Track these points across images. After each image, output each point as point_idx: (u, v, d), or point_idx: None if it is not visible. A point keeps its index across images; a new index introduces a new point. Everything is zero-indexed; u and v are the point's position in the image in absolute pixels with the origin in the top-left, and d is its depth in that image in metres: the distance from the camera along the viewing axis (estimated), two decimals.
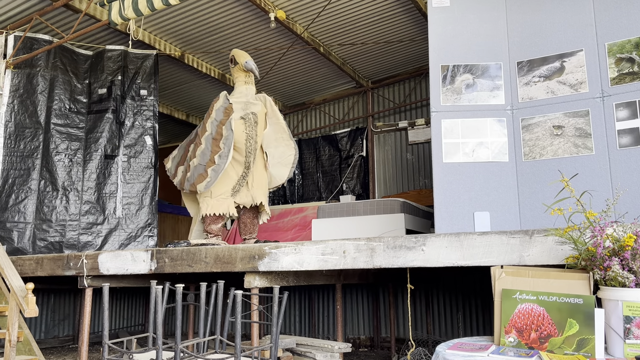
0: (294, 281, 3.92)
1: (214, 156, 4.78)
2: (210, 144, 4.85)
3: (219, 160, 4.76)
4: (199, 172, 4.88)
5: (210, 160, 4.80)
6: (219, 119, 4.86)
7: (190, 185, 4.95)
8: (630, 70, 3.47)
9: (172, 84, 8.37)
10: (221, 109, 4.89)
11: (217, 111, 4.90)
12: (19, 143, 5.84)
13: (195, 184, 4.87)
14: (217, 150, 4.79)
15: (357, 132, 8.75)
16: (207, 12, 6.33)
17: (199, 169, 4.89)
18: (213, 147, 4.83)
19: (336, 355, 4.55)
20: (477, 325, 6.26)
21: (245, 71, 5.06)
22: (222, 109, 4.88)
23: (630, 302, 1.99)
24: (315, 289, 7.61)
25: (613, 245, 2.12)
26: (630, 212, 3.30)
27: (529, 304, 2.15)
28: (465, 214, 3.72)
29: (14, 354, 3.85)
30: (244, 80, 5.11)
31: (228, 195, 4.99)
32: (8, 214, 5.69)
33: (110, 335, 7.81)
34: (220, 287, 3.17)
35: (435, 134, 3.88)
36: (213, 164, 4.78)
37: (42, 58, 6.06)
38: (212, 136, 4.84)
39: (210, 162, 4.80)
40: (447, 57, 4.00)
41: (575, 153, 3.56)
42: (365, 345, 6.99)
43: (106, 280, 4.49)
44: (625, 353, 1.98)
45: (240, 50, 5.21)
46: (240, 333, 2.56)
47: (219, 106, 4.90)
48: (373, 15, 6.57)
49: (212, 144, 4.83)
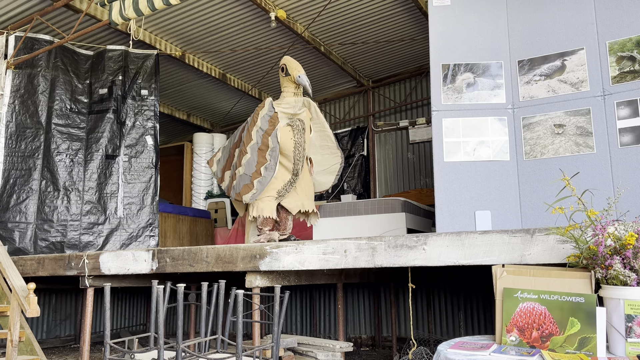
0: (295, 280, 3.92)
1: (260, 167, 4.73)
2: (257, 154, 4.78)
3: (265, 173, 4.72)
4: (245, 182, 4.84)
5: (256, 171, 4.75)
6: (265, 129, 4.79)
7: (235, 194, 4.93)
8: (631, 68, 3.46)
9: (172, 84, 8.37)
10: (266, 117, 4.83)
11: (262, 119, 4.83)
12: (20, 143, 5.85)
13: (241, 194, 4.83)
14: (263, 162, 4.73)
15: (358, 132, 8.75)
16: (208, 11, 6.33)
17: (244, 179, 4.85)
18: (259, 157, 4.77)
19: (338, 354, 4.56)
20: (479, 324, 6.25)
21: (296, 84, 4.98)
22: (267, 117, 4.82)
23: (631, 301, 1.99)
24: (317, 288, 7.61)
25: (614, 243, 2.12)
26: (631, 210, 3.30)
27: (531, 302, 2.14)
28: (466, 213, 3.72)
29: (16, 354, 3.85)
30: (294, 92, 5.02)
31: (273, 198, 4.93)
32: (9, 214, 5.70)
33: (111, 335, 7.82)
34: (222, 287, 3.17)
35: (436, 133, 3.88)
36: (259, 176, 4.73)
37: (42, 58, 6.06)
38: (258, 146, 4.78)
39: (256, 173, 4.75)
40: (447, 56, 3.99)
41: (576, 152, 3.56)
42: (366, 345, 7.00)
43: (108, 280, 4.49)
44: (627, 352, 1.98)
45: (293, 60, 5.02)
46: (242, 332, 2.57)
47: (264, 114, 4.84)
48: (374, 15, 6.57)
49: (258, 154, 4.77)
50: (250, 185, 4.78)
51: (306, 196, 5.11)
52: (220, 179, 5.34)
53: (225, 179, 5.23)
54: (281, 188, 4.91)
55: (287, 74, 4.95)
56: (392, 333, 6.07)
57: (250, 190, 4.77)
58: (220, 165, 5.37)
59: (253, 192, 4.77)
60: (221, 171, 5.32)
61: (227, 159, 5.26)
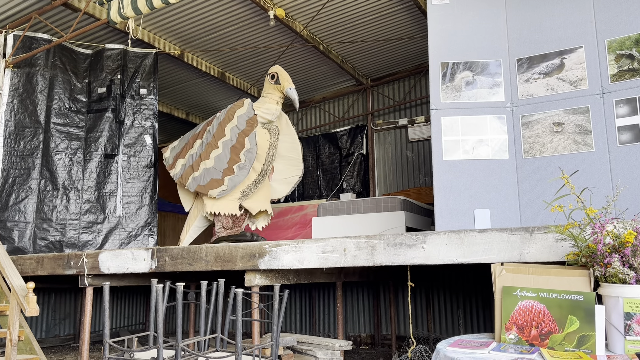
0: (294, 279, 3.92)
1: (233, 165, 4.75)
2: (230, 151, 4.80)
3: (238, 172, 4.74)
4: (214, 177, 4.83)
5: (228, 168, 4.77)
6: (242, 128, 4.81)
7: (199, 186, 4.90)
8: (630, 66, 3.46)
9: (171, 83, 8.36)
10: (244, 117, 4.85)
11: (240, 119, 4.85)
12: (19, 142, 5.84)
13: (208, 188, 4.84)
14: (236, 160, 4.75)
15: (357, 130, 8.75)
16: (207, 10, 6.33)
17: (213, 174, 4.85)
18: (232, 155, 4.78)
19: (337, 353, 4.56)
20: (478, 322, 6.26)
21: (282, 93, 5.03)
22: (246, 118, 4.84)
23: (630, 299, 1.99)
24: (316, 287, 7.61)
25: (613, 241, 2.12)
26: (630, 208, 3.30)
27: (530, 300, 2.15)
28: (465, 212, 3.72)
29: (15, 353, 3.85)
30: (277, 100, 5.11)
31: (236, 198, 4.98)
32: (8, 213, 5.69)
33: (111, 334, 7.82)
34: (221, 286, 3.17)
35: (435, 131, 3.88)
36: (231, 173, 4.75)
37: (41, 57, 6.05)
38: (233, 144, 4.79)
39: (228, 170, 4.76)
40: (446, 54, 3.99)
41: (575, 150, 3.56)
42: (366, 343, 7.00)
43: (107, 279, 4.49)
44: (626, 349, 1.98)
45: (285, 71, 5.15)
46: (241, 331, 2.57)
47: (242, 114, 4.86)
48: (372, 13, 6.57)
49: (232, 151, 4.79)
50: (221, 181, 4.78)
51: (265, 198, 5.21)
52: (170, 165, 5.31)
53: (176, 166, 5.20)
54: (245, 188, 4.99)
55: (278, 82, 5.04)
56: (392, 331, 6.07)
57: (220, 186, 4.79)
58: (175, 152, 5.34)
59: (222, 189, 4.78)
60: (173, 158, 5.30)
61: (183, 148, 5.25)
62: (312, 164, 9.17)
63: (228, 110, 5.00)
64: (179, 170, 5.17)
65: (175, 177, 5.21)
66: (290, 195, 9.28)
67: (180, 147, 5.33)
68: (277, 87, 5.06)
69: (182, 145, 5.34)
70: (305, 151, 9.28)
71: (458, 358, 1.94)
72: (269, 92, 5.13)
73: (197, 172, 4.94)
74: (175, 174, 5.21)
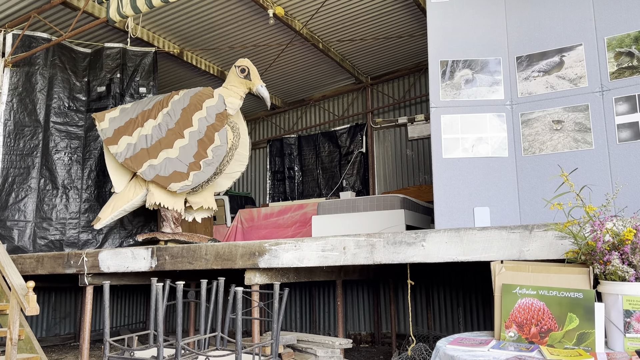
0: (294, 278, 3.92)
1: (200, 161, 4.53)
2: (197, 144, 4.57)
3: (205, 168, 4.54)
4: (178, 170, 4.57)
5: (194, 162, 4.54)
6: (211, 122, 4.61)
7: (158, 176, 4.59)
8: (629, 64, 3.46)
9: (171, 81, 8.36)
10: (214, 109, 4.65)
11: (209, 110, 4.64)
12: (18, 142, 5.84)
13: (170, 181, 4.57)
14: (203, 155, 4.54)
15: (357, 129, 8.75)
16: (206, 9, 6.32)
17: (177, 165, 4.58)
18: (200, 149, 4.56)
19: (337, 351, 4.56)
20: (478, 320, 6.27)
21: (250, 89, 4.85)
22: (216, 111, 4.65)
23: (630, 296, 2.00)
24: (316, 285, 7.62)
25: (613, 239, 2.12)
26: (630, 206, 3.31)
27: (529, 298, 2.15)
28: (465, 210, 3.73)
29: (16, 352, 3.85)
30: (241, 95, 4.92)
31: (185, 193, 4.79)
32: (8, 213, 5.70)
33: (111, 332, 7.83)
34: (221, 284, 3.17)
35: (434, 129, 3.88)
36: (198, 169, 4.53)
37: (40, 56, 6.05)
38: (200, 137, 4.57)
39: (194, 165, 4.54)
40: (446, 52, 3.99)
41: (574, 148, 3.56)
42: (366, 341, 7.01)
43: (107, 278, 4.49)
44: (626, 347, 1.99)
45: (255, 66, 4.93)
46: (241, 330, 2.57)
47: (212, 106, 4.65)
48: (372, 11, 6.56)
49: (199, 145, 4.56)
50: (185, 175, 4.55)
51: (210, 194, 5.04)
52: (111, 140, 4.85)
53: (119, 143, 4.77)
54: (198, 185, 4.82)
55: (248, 78, 4.84)
56: (392, 329, 6.08)
57: (183, 180, 4.55)
58: (115, 125, 4.89)
59: (186, 184, 4.56)
60: (114, 132, 4.85)
61: (128, 123, 4.86)
62: (312, 163, 9.17)
63: (193, 97, 4.73)
64: (124, 150, 4.75)
65: (119, 157, 4.76)
66: (290, 193, 9.29)
67: (123, 121, 4.89)
68: (246, 82, 4.86)
69: (125, 119, 4.89)
70: (304, 150, 9.28)
71: (458, 356, 1.94)
72: (234, 86, 4.90)
73: (156, 159, 4.61)
74: (119, 152, 4.76)
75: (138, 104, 5.04)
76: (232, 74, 5.00)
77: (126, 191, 4.95)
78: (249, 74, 4.87)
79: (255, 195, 9.90)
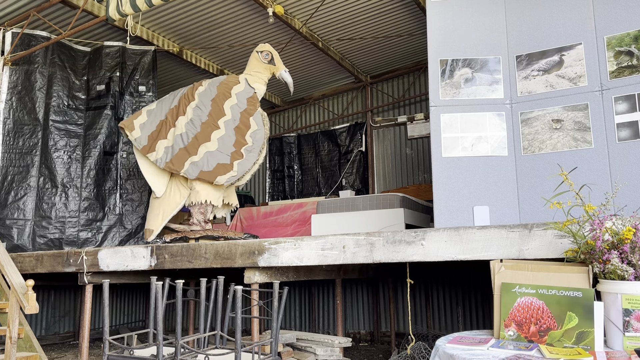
0: (293, 276, 3.92)
1: (241, 148, 4.32)
2: (234, 132, 4.36)
3: (247, 155, 4.33)
4: (220, 162, 4.34)
5: (236, 151, 4.32)
6: (243, 107, 4.41)
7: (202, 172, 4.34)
8: (629, 63, 3.46)
9: (170, 80, 8.35)
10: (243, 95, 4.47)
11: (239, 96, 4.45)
12: (17, 140, 5.83)
13: (215, 175, 4.33)
14: (243, 143, 4.34)
15: (356, 127, 8.75)
16: (205, 7, 6.31)
17: (218, 158, 4.35)
18: (238, 136, 4.35)
19: (336, 349, 4.57)
20: (477, 319, 6.27)
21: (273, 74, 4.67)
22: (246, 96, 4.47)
23: (629, 295, 2.00)
24: (315, 284, 7.62)
25: (612, 238, 2.12)
26: (629, 205, 3.31)
27: (529, 297, 2.15)
28: (464, 208, 3.73)
29: (15, 350, 3.85)
30: (265, 81, 4.76)
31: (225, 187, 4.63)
32: (7, 211, 5.69)
33: (110, 331, 7.83)
34: (220, 283, 3.17)
35: (434, 128, 3.88)
36: (240, 157, 4.32)
37: (40, 55, 6.04)
38: (236, 124, 4.38)
39: (236, 153, 4.32)
40: (445, 51, 3.99)
41: (574, 147, 3.56)
42: (365, 340, 7.01)
43: (106, 276, 4.49)
44: (625, 346, 1.99)
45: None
46: (241, 328, 2.57)
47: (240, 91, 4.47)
48: (371, 10, 6.56)
49: (237, 133, 4.35)
50: (229, 166, 4.33)
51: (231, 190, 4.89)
52: (147, 147, 4.53)
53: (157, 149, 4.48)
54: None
55: (272, 63, 4.69)
56: (391, 328, 6.08)
57: (228, 172, 4.35)
58: (147, 131, 4.59)
59: (232, 175, 4.36)
60: (148, 138, 4.55)
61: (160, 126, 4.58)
62: (311, 162, 9.17)
63: (220, 87, 4.55)
64: (163, 155, 4.49)
65: (160, 163, 4.49)
66: (289, 192, 9.29)
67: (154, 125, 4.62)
68: (270, 67, 4.69)
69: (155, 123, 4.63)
70: (304, 148, 9.27)
71: (457, 355, 1.94)
72: (257, 72, 4.72)
73: (196, 156, 4.38)
74: (158, 158, 4.50)
75: (162, 102, 4.82)
76: (255, 59, 4.84)
77: (171, 195, 4.68)
78: (272, 59, 4.72)
79: (255, 194, 9.91)
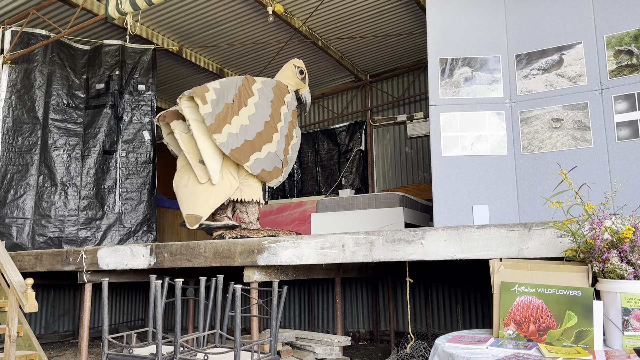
0: (293, 275, 3.92)
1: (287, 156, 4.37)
2: (284, 139, 4.37)
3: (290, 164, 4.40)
4: (277, 165, 4.32)
5: (284, 159, 4.37)
6: (289, 118, 4.42)
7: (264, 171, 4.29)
8: (629, 62, 3.46)
9: (170, 79, 8.35)
10: (292, 105, 4.49)
11: (289, 105, 4.45)
12: (17, 139, 5.83)
13: (273, 176, 4.33)
14: (287, 152, 4.38)
15: (356, 126, 8.74)
16: (205, 6, 6.31)
17: (275, 161, 4.32)
18: (286, 144, 4.36)
19: (336, 348, 4.57)
20: (476, 318, 6.28)
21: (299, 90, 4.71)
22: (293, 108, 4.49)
23: (628, 294, 2.00)
24: (315, 282, 7.62)
25: (611, 237, 2.12)
26: (628, 204, 3.31)
27: (528, 296, 2.15)
28: (464, 208, 3.73)
29: (14, 349, 3.85)
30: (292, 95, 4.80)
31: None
32: (7, 210, 5.69)
33: (110, 330, 7.83)
34: (220, 282, 3.17)
35: (434, 127, 3.88)
36: (286, 165, 4.38)
37: (39, 53, 6.03)
38: (286, 133, 4.41)
39: (284, 161, 4.38)
40: (445, 50, 3.99)
41: (573, 146, 3.56)
42: (364, 339, 7.01)
43: (105, 275, 4.49)
44: (624, 345, 1.99)
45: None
46: (240, 327, 2.57)
47: (290, 101, 4.49)
48: (371, 9, 6.55)
49: (285, 141, 4.37)
50: (280, 170, 4.34)
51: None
52: (214, 127, 4.23)
53: (224, 133, 4.23)
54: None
55: (304, 81, 4.76)
56: (390, 327, 6.08)
57: (279, 176, 4.37)
58: (216, 110, 4.32)
59: (279, 180, 4.41)
60: (216, 118, 4.28)
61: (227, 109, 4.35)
62: (311, 160, 9.16)
63: (275, 89, 4.44)
64: (228, 140, 4.24)
65: (225, 148, 4.22)
66: (289, 191, 9.29)
67: (221, 106, 4.34)
68: (300, 84, 4.75)
69: (222, 104, 4.36)
70: (303, 147, 9.27)
71: (456, 353, 1.95)
72: (289, 83, 4.72)
73: (260, 153, 4.24)
74: (224, 142, 4.23)
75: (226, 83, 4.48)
76: (290, 71, 4.79)
77: (223, 185, 4.42)
78: (305, 77, 4.80)
79: None
